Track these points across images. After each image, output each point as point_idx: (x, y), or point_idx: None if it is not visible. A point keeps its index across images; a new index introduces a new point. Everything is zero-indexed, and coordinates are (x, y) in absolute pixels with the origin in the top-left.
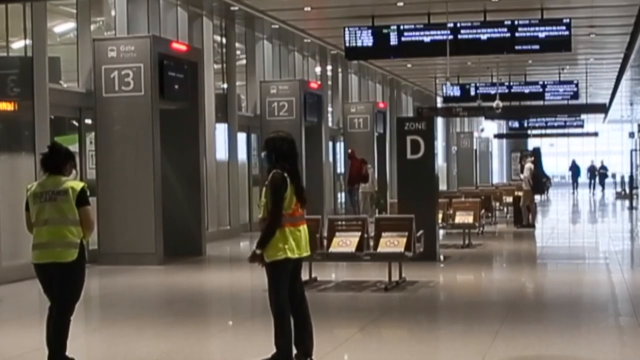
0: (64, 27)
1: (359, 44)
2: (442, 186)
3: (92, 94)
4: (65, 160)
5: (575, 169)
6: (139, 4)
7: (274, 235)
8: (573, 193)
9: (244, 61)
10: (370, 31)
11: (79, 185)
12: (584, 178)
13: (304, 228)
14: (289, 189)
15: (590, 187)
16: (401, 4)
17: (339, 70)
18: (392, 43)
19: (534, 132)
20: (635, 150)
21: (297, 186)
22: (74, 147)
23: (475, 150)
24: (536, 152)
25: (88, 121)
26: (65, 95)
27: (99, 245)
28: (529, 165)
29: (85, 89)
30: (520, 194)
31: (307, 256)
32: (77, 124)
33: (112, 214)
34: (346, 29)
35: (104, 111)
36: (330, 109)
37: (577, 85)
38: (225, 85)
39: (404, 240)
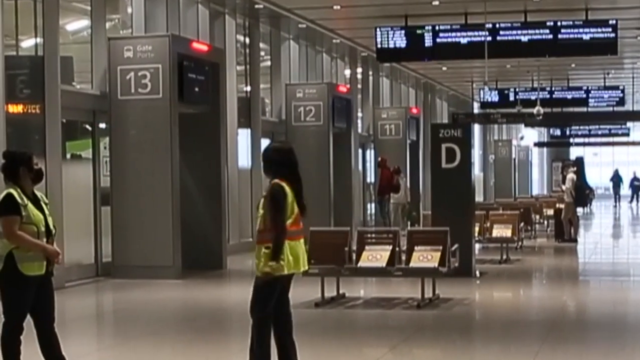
0: (77, 24)
1: (391, 45)
2: (479, 197)
3: (107, 97)
4: (14, 167)
5: (617, 180)
6: (157, 1)
7: (284, 244)
8: (615, 206)
9: (269, 62)
10: (403, 31)
11: (2, 194)
12: (626, 189)
13: (301, 242)
14: (289, 201)
15: (632, 199)
16: (436, 2)
17: (370, 73)
18: (426, 44)
19: (577, 140)
20: None
21: (296, 191)
22: (86, 153)
23: (514, 160)
24: (579, 162)
25: (102, 125)
26: (78, 98)
27: (113, 258)
28: (571, 175)
29: (100, 91)
30: (562, 206)
31: (302, 272)
32: (90, 128)
33: (127, 225)
34: (378, 29)
35: (119, 115)
36: (359, 114)
37: (623, 91)
38: (249, 88)
39: (438, 254)
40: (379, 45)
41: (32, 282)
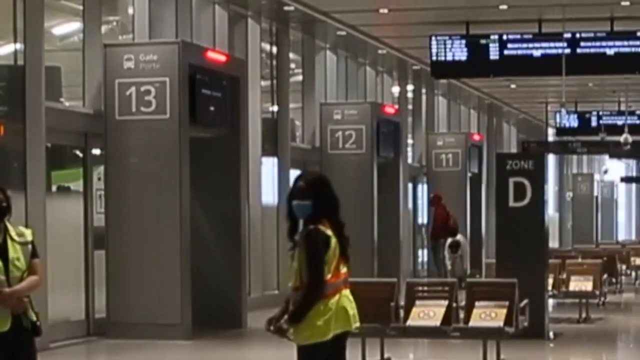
0: (66, 28)
1: (450, 58)
2: (554, 243)
3: (102, 116)
4: None
5: None
6: (164, 1)
7: (311, 309)
8: None
9: (300, 77)
10: (464, 41)
11: None
12: None
13: (349, 293)
14: (332, 248)
15: None
16: (504, 7)
17: (423, 91)
18: (491, 57)
19: None
20: None
21: (342, 242)
22: (76, 185)
23: (597, 198)
24: None
25: (96, 151)
26: (67, 117)
27: (107, 313)
28: None
29: (93, 109)
30: None
31: (356, 329)
32: (81, 154)
33: (125, 273)
34: (433, 37)
35: (116, 139)
36: (410, 141)
37: None
38: (276, 108)
39: (504, 311)
40: (434, 58)
41: None
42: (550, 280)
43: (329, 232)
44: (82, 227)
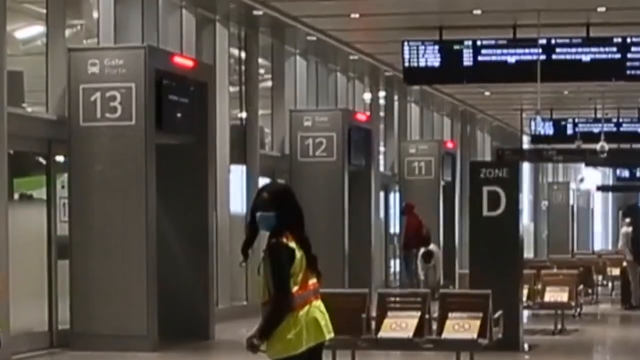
0: (29, 31)
1: (422, 64)
2: (529, 253)
3: (66, 122)
4: None
5: None
6: (130, 4)
7: (280, 323)
8: None
9: (270, 83)
10: (437, 47)
11: None
12: None
13: (320, 304)
14: (297, 260)
15: None
16: (478, 12)
17: (395, 97)
18: (465, 63)
19: None
20: None
21: (310, 256)
22: (39, 193)
23: (572, 207)
24: (633, 211)
25: (60, 158)
26: (30, 123)
27: (71, 324)
28: (624, 230)
29: (57, 115)
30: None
31: (329, 340)
32: (44, 161)
33: (90, 283)
34: (405, 43)
35: (81, 146)
36: (382, 149)
37: None
38: (244, 115)
39: (477, 323)
40: (406, 64)
41: None
42: (525, 291)
43: (293, 244)
44: (45, 236)
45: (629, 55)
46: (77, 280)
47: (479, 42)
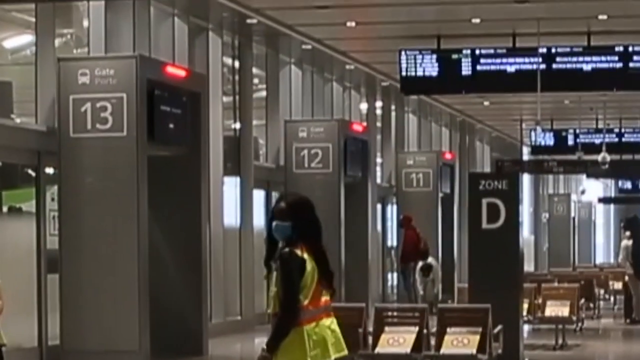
0: (17, 40)
1: (420, 73)
2: (529, 266)
3: (56, 134)
4: None
5: None
6: (121, 13)
7: (286, 336)
8: None
9: (264, 93)
10: (434, 56)
11: None
12: None
13: (332, 322)
14: (308, 273)
15: None
16: (477, 20)
17: (392, 107)
18: (464, 73)
19: None
20: None
21: (324, 269)
22: (28, 206)
23: (574, 219)
24: (632, 223)
25: (49, 170)
26: (19, 134)
27: (61, 340)
28: (625, 243)
29: (47, 126)
30: None
31: (342, 357)
32: (34, 173)
33: (80, 298)
34: (403, 52)
35: (71, 157)
36: (379, 160)
37: None
38: (238, 125)
39: (477, 338)
40: (404, 73)
41: None
42: (525, 305)
43: (305, 255)
44: (35, 250)
45: (631, 64)
46: (68, 295)
47: (477, 51)
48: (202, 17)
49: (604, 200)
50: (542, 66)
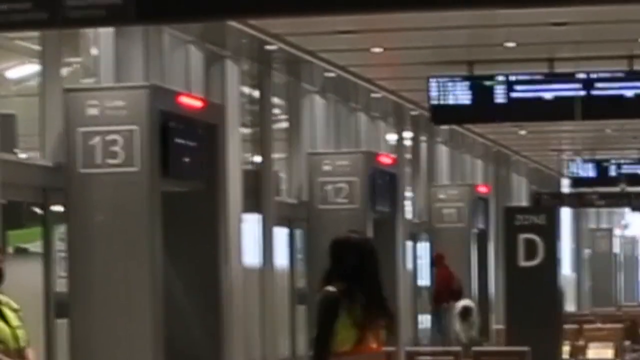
0: (22, 70)
1: (451, 102)
2: (570, 306)
3: (63, 169)
4: None
5: None
6: (132, 40)
7: None
8: None
9: (285, 124)
10: (466, 83)
11: None
12: None
13: None
14: (345, 317)
15: None
16: (512, 44)
17: (422, 138)
18: (497, 100)
19: None
20: None
21: (372, 314)
22: (35, 246)
23: (617, 255)
24: None
25: (57, 208)
26: (24, 170)
27: None
28: None
29: (53, 161)
30: None
31: None
32: (40, 212)
33: (92, 344)
34: (433, 79)
35: (80, 194)
36: (409, 194)
37: None
38: (258, 159)
39: None
40: (434, 102)
41: None
42: (567, 348)
43: (339, 295)
44: (42, 293)
45: None
46: (78, 341)
47: (512, 77)
48: (218, 44)
49: None
50: (581, 93)
